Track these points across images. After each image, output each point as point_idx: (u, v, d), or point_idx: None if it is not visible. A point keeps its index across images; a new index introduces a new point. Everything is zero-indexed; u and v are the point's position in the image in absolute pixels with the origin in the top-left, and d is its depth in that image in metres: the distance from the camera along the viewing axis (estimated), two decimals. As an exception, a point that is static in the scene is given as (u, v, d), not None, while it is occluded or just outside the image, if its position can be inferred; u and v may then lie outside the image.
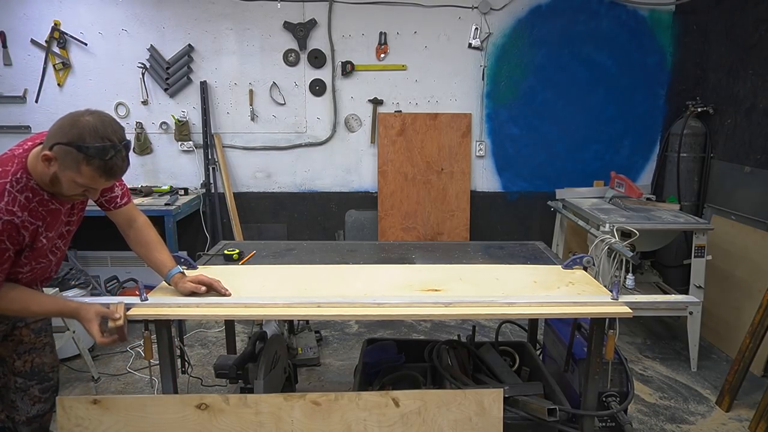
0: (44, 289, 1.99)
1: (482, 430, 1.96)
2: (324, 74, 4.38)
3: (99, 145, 1.52)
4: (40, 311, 1.79)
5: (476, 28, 4.29)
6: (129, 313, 1.79)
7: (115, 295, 3.77)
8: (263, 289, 2.06)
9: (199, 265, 2.33)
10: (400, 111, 4.43)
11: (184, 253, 2.48)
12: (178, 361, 2.21)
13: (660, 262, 4.13)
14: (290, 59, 4.35)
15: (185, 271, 2.05)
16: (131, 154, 1.85)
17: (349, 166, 4.55)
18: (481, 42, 4.31)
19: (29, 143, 1.69)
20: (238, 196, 4.53)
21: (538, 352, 2.89)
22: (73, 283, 3.56)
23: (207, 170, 4.44)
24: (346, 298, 1.94)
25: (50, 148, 1.54)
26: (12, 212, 1.58)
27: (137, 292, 1.88)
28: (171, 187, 4.35)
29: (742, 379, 2.95)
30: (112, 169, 1.57)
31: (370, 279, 2.17)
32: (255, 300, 1.92)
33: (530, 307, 1.91)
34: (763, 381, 3.18)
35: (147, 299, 1.88)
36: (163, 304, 1.89)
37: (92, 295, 3.71)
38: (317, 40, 4.32)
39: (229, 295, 1.94)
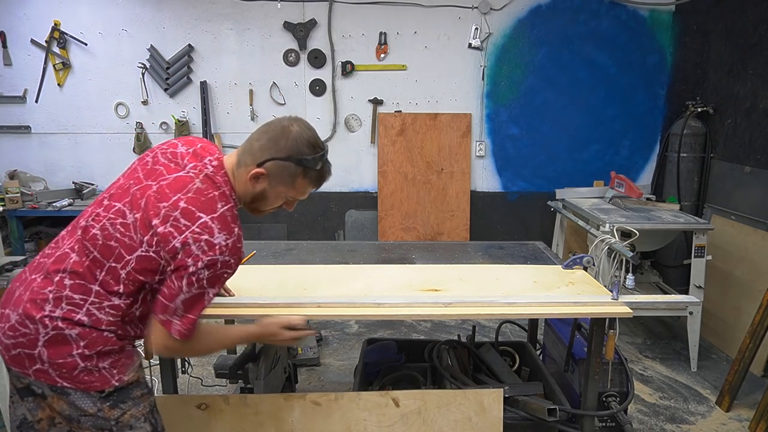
0: None
1: (482, 430, 1.96)
2: (324, 74, 4.38)
3: (316, 156, 1.46)
4: (229, 343, 1.72)
5: (476, 28, 4.29)
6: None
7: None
8: (263, 289, 2.06)
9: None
10: (400, 111, 4.43)
11: (184, 253, 2.47)
12: (178, 361, 2.21)
13: (660, 262, 4.12)
14: (290, 59, 4.35)
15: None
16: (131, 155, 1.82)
17: (349, 166, 4.55)
18: (481, 42, 4.31)
19: (208, 155, 1.49)
20: (238, 196, 4.52)
21: (538, 352, 2.89)
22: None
23: (207, 170, 4.44)
24: (346, 298, 1.94)
25: (261, 164, 1.43)
26: (242, 238, 1.45)
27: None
28: (171, 187, 4.34)
29: (742, 379, 2.95)
30: (324, 177, 1.52)
31: (370, 279, 2.17)
32: (255, 300, 1.92)
33: (530, 307, 1.91)
34: (763, 381, 3.18)
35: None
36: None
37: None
38: (317, 40, 4.32)
39: (233, 295, 1.94)
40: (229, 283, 1.97)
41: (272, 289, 2.06)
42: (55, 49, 4.26)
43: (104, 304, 1.38)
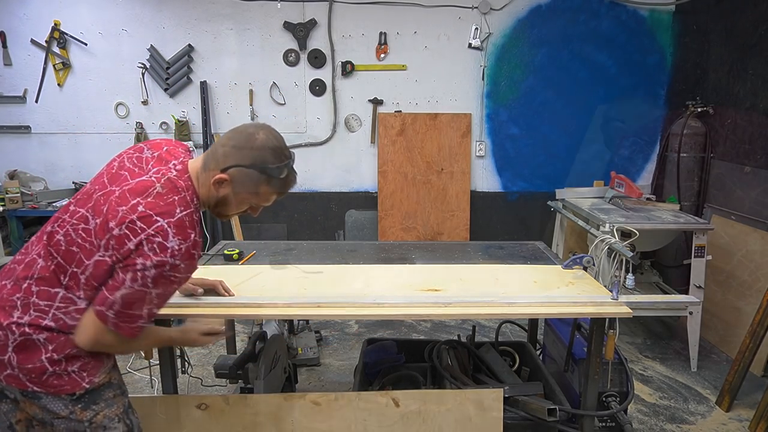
0: None
1: (482, 430, 1.96)
2: (324, 74, 4.38)
3: (281, 165, 1.46)
4: (154, 344, 1.73)
5: (476, 28, 4.29)
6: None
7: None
8: (263, 289, 2.06)
9: (199, 265, 2.33)
10: (400, 111, 4.43)
11: (184, 253, 2.47)
12: (178, 361, 2.21)
13: (660, 262, 4.12)
14: (290, 59, 4.35)
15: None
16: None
17: (349, 166, 4.55)
18: (481, 42, 4.31)
19: (173, 159, 1.49)
20: (238, 196, 4.52)
21: (538, 352, 2.89)
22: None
23: (207, 170, 4.44)
24: (346, 298, 1.95)
25: (224, 170, 1.43)
26: (199, 245, 1.41)
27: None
28: (171, 187, 4.34)
29: (742, 379, 2.95)
30: (288, 185, 1.52)
31: (370, 279, 2.17)
32: (255, 300, 1.92)
33: (530, 307, 1.91)
34: (763, 381, 3.18)
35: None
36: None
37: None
38: (317, 40, 4.32)
39: (233, 295, 1.94)
40: (228, 283, 1.97)
41: (272, 289, 2.06)
42: (55, 49, 4.26)
43: (70, 308, 1.38)
